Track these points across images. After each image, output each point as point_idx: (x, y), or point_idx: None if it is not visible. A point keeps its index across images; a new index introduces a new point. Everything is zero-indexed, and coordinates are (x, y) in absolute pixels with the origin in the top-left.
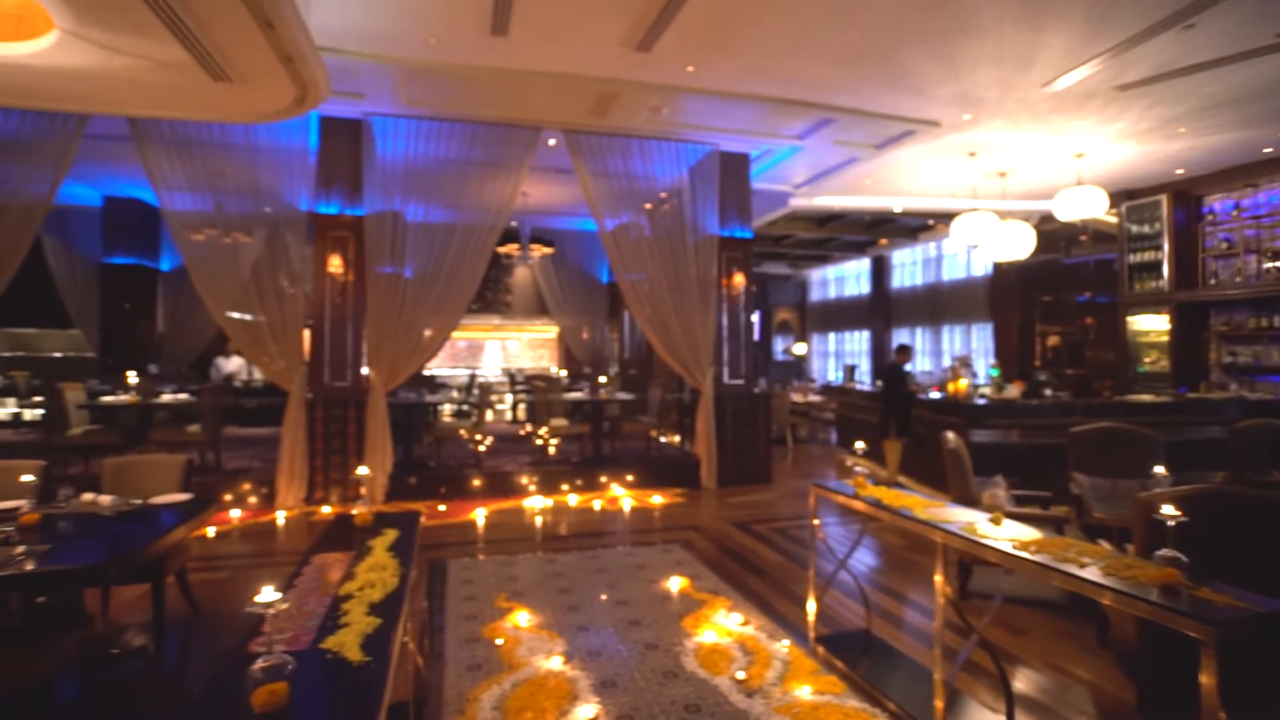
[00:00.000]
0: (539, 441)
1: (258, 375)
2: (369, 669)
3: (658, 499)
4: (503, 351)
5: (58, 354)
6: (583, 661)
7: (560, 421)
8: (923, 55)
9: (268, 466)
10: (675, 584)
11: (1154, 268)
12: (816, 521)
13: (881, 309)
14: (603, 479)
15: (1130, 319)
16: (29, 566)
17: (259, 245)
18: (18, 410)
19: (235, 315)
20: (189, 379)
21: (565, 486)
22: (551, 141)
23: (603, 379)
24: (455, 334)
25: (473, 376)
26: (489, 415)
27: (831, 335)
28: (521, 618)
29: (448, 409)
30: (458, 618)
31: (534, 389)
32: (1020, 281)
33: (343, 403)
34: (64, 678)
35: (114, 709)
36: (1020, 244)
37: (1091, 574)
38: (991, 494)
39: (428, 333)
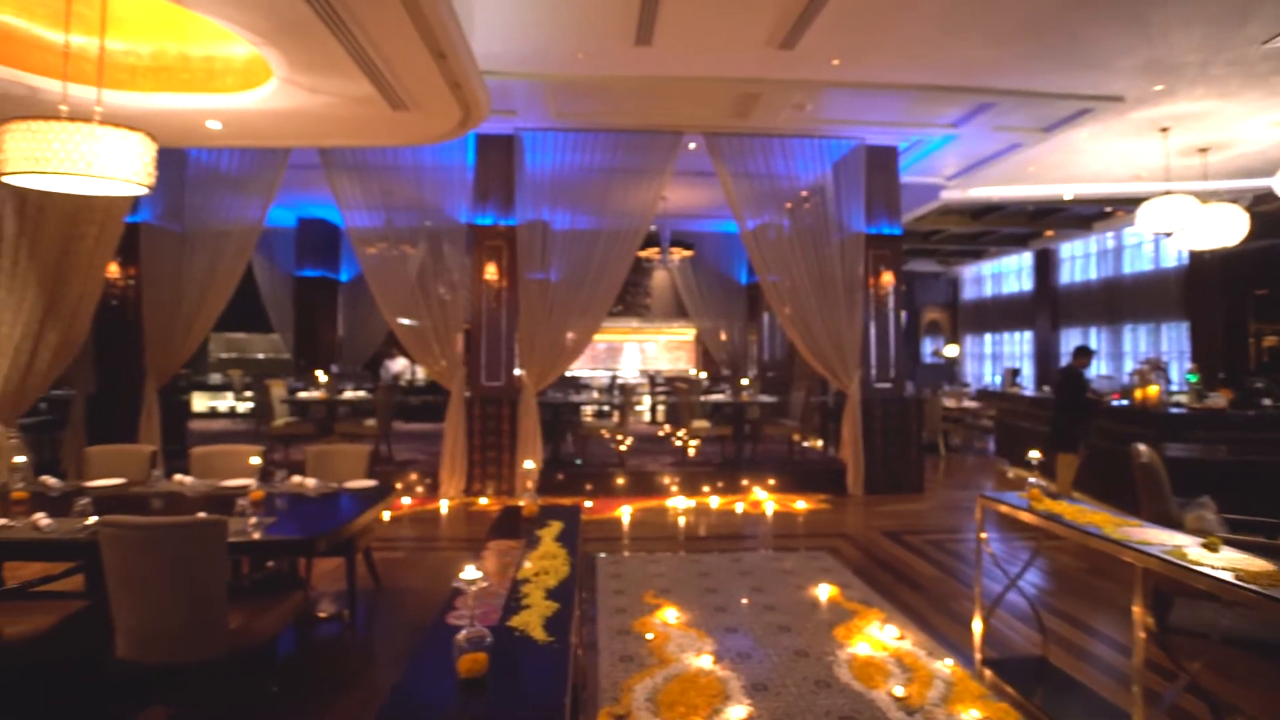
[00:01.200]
0: (679, 443)
1: (419, 375)
2: (553, 649)
3: (801, 504)
4: (641, 354)
5: (261, 355)
6: (732, 663)
7: (702, 423)
8: (1104, 23)
9: (431, 459)
10: (824, 592)
11: None
12: (984, 535)
13: (1047, 307)
14: (744, 482)
15: None
16: (256, 536)
17: (422, 256)
18: (233, 403)
19: (404, 321)
20: (364, 378)
21: (706, 488)
22: (692, 145)
23: (744, 381)
24: (596, 336)
25: (614, 378)
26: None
27: (988, 336)
28: (669, 614)
29: (588, 409)
30: (608, 610)
31: (675, 390)
32: (1225, 273)
33: (497, 401)
34: (284, 634)
35: (328, 664)
36: (1228, 229)
37: None
38: (1198, 516)
39: (572, 335)
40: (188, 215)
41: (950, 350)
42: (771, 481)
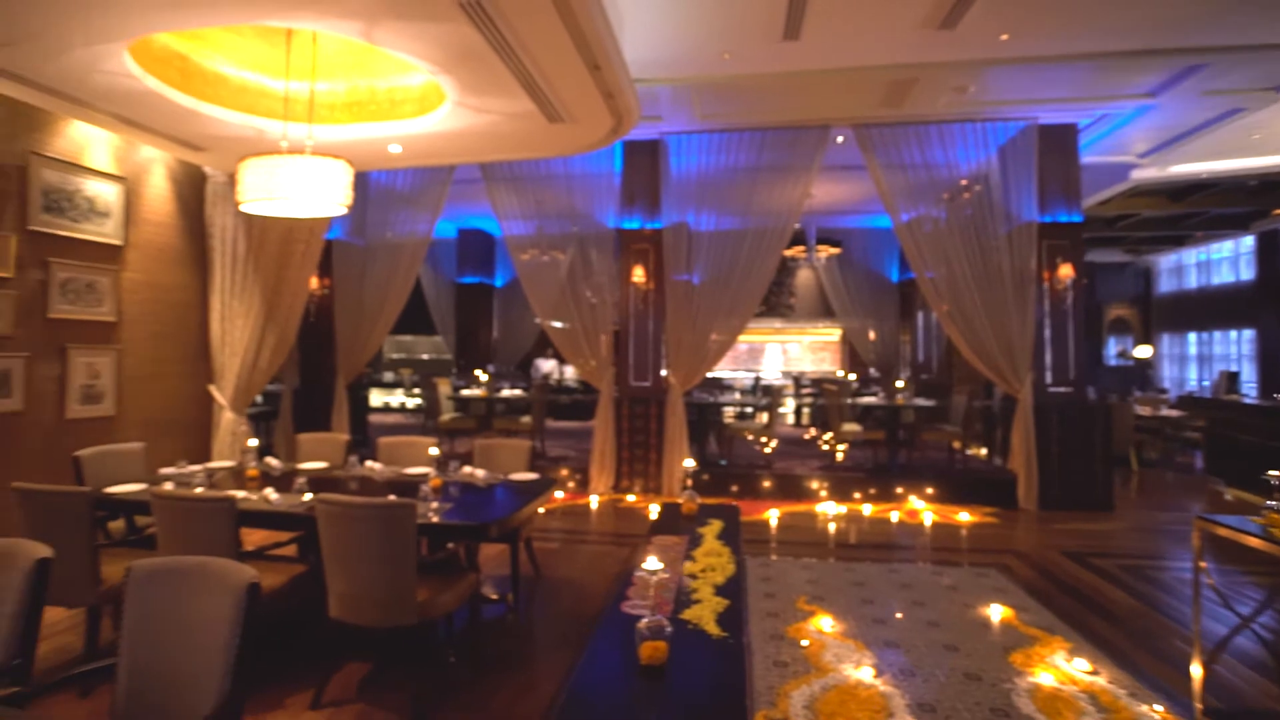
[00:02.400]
0: (826, 446)
1: (567, 375)
2: (728, 644)
3: (964, 516)
4: (783, 354)
5: (426, 356)
6: (895, 679)
7: (852, 427)
8: None
9: (581, 455)
10: (995, 612)
11: None
12: (1203, 564)
13: (1275, 300)
14: (898, 490)
15: None
16: (435, 519)
17: (572, 260)
18: (403, 399)
19: (556, 324)
20: (517, 377)
21: (858, 494)
22: (840, 138)
23: (899, 383)
24: (738, 337)
25: (757, 379)
26: (770, 418)
27: (1191, 335)
28: (824, 623)
29: (729, 410)
30: (760, 613)
31: (823, 392)
32: None
33: (645, 401)
34: (459, 611)
35: (496, 642)
36: None
37: None
38: None
39: (717, 336)
40: (369, 231)
41: (1142, 351)
42: (930, 490)
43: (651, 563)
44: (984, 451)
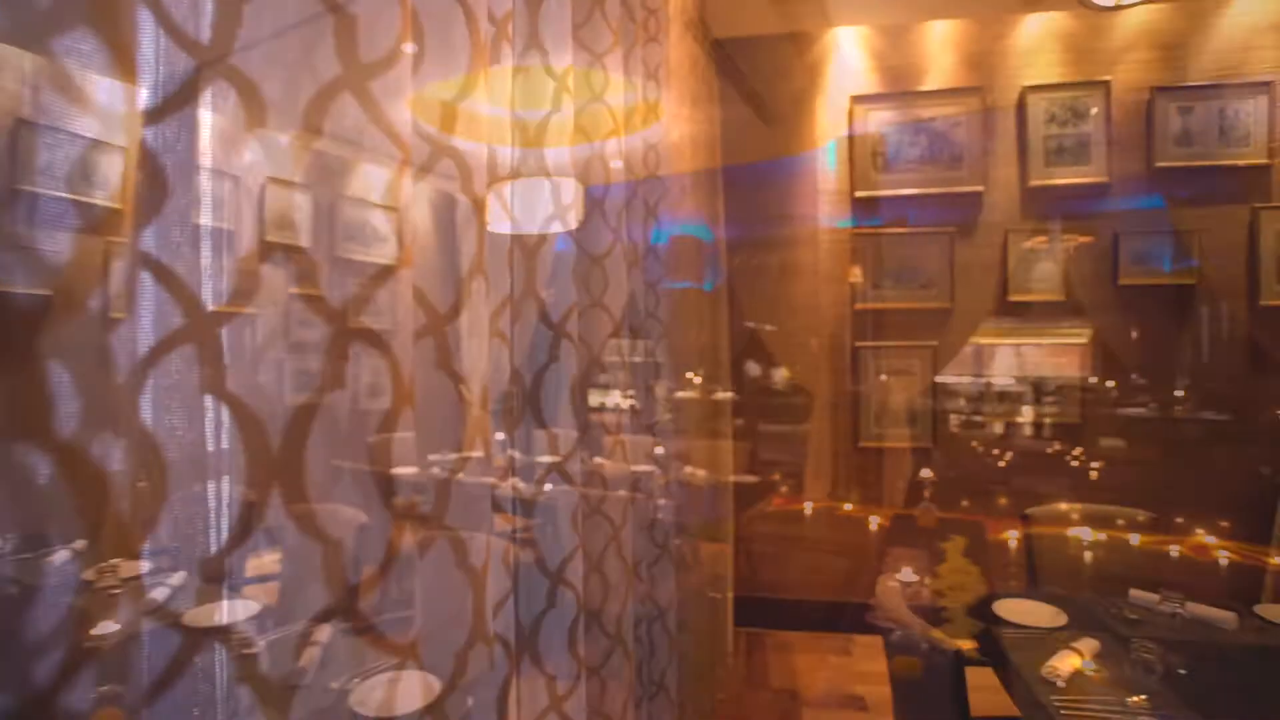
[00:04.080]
0: (1075, 463)
1: (775, 378)
2: (987, 669)
3: None
4: (1017, 358)
5: (638, 359)
6: None
7: (1113, 442)
8: None
9: (794, 461)
10: None
11: None
12: None
13: None
14: (1179, 520)
15: None
16: (661, 516)
17: (782, 262)
18: (618, 400)
19: (768, 326)
20: (727, 380)
21: (1120, 521)
22: (1094, 111)
23: (1177, 393)
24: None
25: (987, 384)
26: (1001, 428)
27: None
28: (1084, 663)
29: (955, 419)
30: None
31: (1072, 401)
32: None
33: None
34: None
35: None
36: None
37: None
38: None
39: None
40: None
41: None
42: (1224, 523)
43: (906, 574)
44: None
